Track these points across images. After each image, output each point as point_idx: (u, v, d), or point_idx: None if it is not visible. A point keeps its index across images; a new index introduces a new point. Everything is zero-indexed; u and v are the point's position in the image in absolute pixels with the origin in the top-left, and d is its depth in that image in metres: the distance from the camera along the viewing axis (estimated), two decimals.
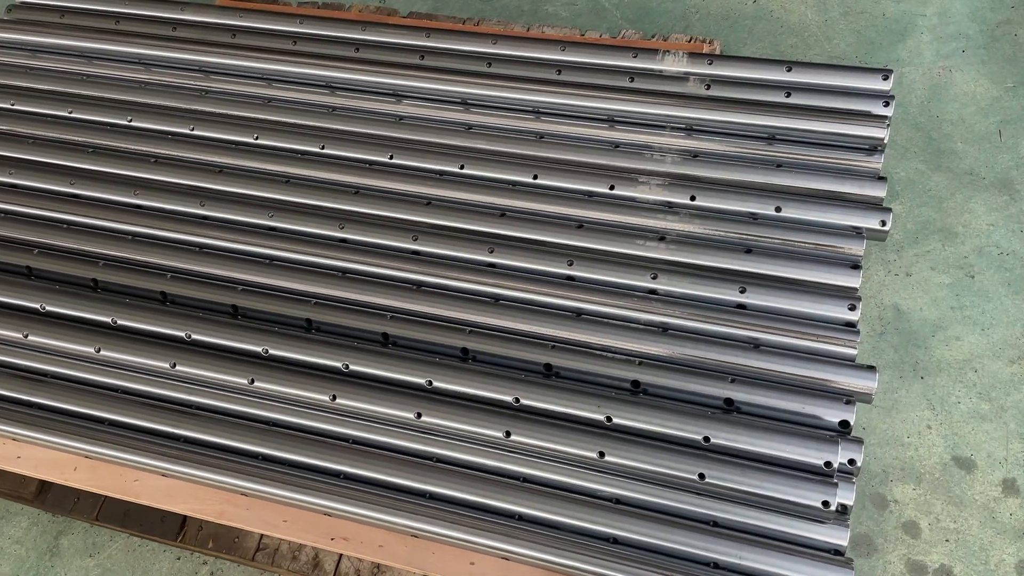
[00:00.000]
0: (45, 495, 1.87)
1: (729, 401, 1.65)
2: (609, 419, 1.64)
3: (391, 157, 2.11)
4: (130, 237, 2.06)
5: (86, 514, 1.82)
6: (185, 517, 1.79)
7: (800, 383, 1.66)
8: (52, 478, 1.83)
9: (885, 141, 1.94)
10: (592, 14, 2.60)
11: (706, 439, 1.59)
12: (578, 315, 1.80)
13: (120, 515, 1.81)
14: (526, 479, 1.65)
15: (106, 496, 1.83)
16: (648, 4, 2.57)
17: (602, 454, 1.60)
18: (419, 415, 1.69)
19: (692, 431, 1.60)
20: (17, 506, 2.03)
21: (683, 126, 2.03)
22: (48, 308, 1.94)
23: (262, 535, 1.76)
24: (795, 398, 1.63)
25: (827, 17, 2.50)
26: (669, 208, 1.92)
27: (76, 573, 1.93)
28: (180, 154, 2.19)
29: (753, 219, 1.88)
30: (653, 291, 1.82)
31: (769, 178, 1.93)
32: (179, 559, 1.93)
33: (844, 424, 1.61)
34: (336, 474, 1.69)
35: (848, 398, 1.62)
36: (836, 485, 1.51)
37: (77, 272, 2.01)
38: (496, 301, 1.84)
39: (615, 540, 1.56)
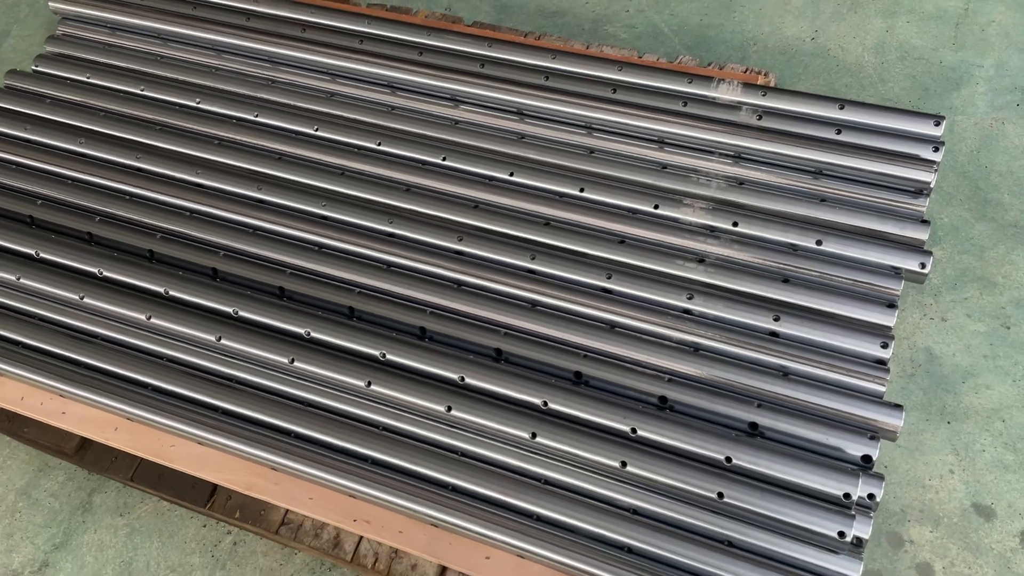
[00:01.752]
0: (85, 452, 1.95)
1: (754, 425, 1.68)
2: (634, 431, 1.68)
3: (444, 159, 2.17)
4: (188, 213, 2.14)
5: (121, 474, 1.89)
6: (215, 486, 1.85)
7: (826, 414, 1.68)
8: (93, 436, 1.90)
9: (932, 185, 1.96)
10: (651, 38, 2.65)
11: (728, 459, 1.62)
12: (612, 328, 1.84)
13: (154, 478, 1.88)
14: (547, 481, 1.69)
15: (142, 458, 1.90)
16: (707, 32, 2.62)
17: (624, 464, 1.64)
18: (449, 409, 1.74)
19: (715, 450, 1.63)
20: (56, 461, 2.11)
21: (731, 153, 2.07)
22: (105, 274, 2.03)
23: (287, 510, 1.82)
24: (820, 428, 1.64)
25: (884, 60, 2.52)
26: (711, 232, 1.96)
27: (106, 530, 2.00)
28: (242, 139, 2.27)
29: (793, 250, 1.91)
30: (687, 311, 1.85)
31: (812, 211, 1.95)
32: (204, 526, 1.99)
33: (866, 459, 1.62)
34: (364, 458, 1.74)
35: (873, 434, 1.64)
36: (853, 517, 1.53)
37: (135, 242, 2.09)
38: (533, 306, 1.89)
39: (629, 550, 1.59)
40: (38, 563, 1.97)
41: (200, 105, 2.37)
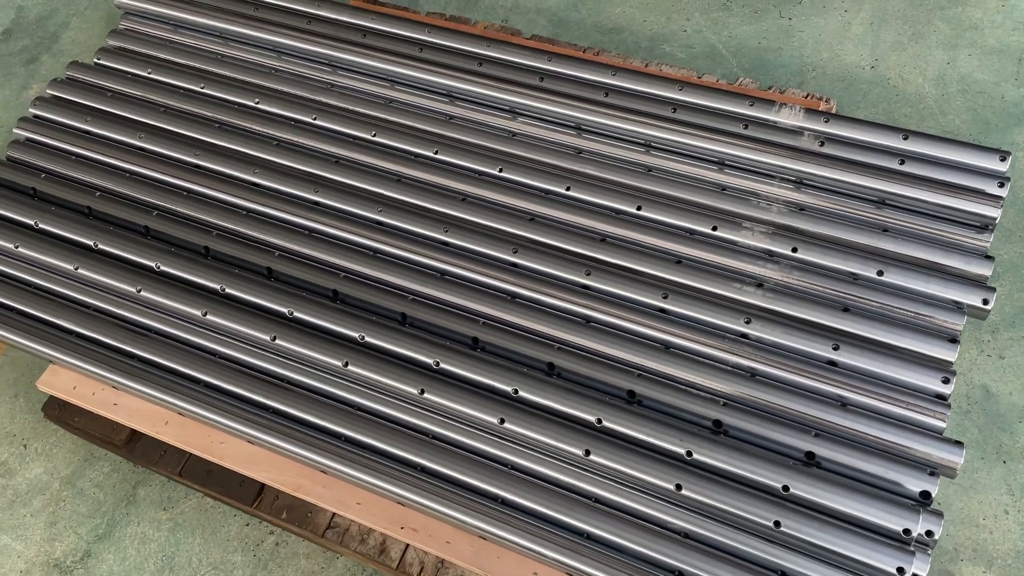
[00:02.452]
0: (134, 444, 1.96)
1: (811, 455, 1.66)
2: (690, 454, 1.66)
3: (500, 170, 2.17)
4: (244, 212, 2.15)
5: (170, 468, 1.90)
6: (263, 485, 1.86)
7: (884, 447, 1.66)
8: (144, 429, 1.91)
9: (996, 221, 1.93)
10: (708, 58, 2.64)
11: (785, 488, 1.60)
12: (667, 348, 1.83)
13: (202, 474, 1.88)
14: (598, 499, 1.67)
15: (191, 454, 1.91)
16: (765, 56, 2.61)
17: (679, 487, 1.62)
18: (502, 421, 1.73)
19: (772, 478, 1.61)
20: (101, 451, 2.12)
21: (793, 178, 2.05)
22: (162, 268, 2.04)
23: (334, 514, 1.82)
24: (878, 461, 1.62)
25: (944, 92, 2.50)
26: (769, 256, 1.94)
27: (149, 524, 2.00)
28: (300, 140, 2.29)
29: (853, 279, 1.89)
30: (744, 335, 1.84)
31: (874, 241, 1.93)
32: (247, 525, 1.99)
33: (925, 495, 1.60)
34: (414, 466, 1.74)
35: (932, 469, 1.61)
36: (913, 554, 1.50)
37: (191, 238, 2.11)
38: (587, 323, 1.88)
39: (680, 573, 1.57)
40: (80, 552, 1.98)
41: (259, 105, 2.39)
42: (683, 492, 1.62)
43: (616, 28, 2.77)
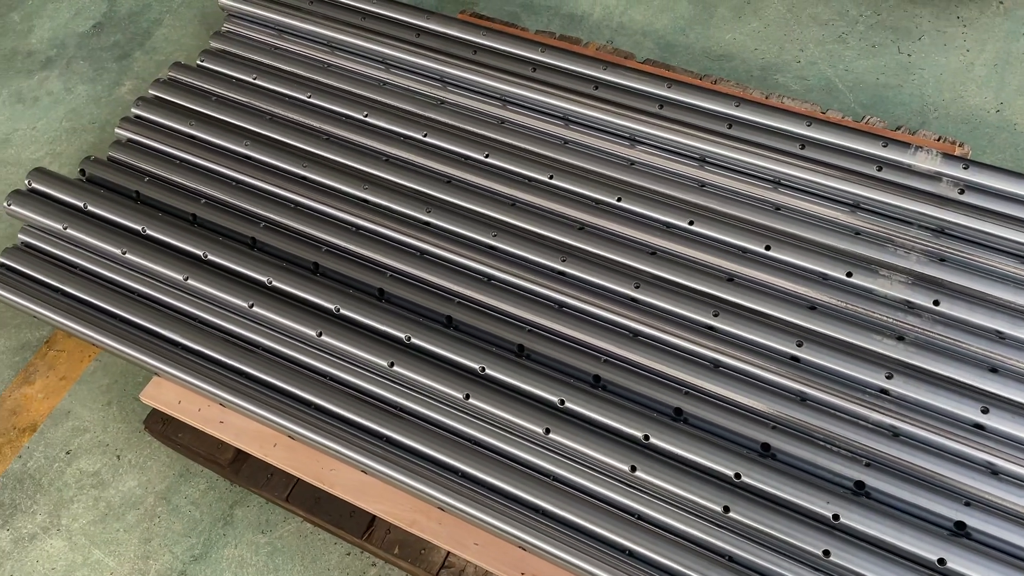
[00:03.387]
0: (240, 465, 1.90)
1: (961, 524, 1.57)
2: (836, 518, 1.58)
3: (619, 200, 2.10)
4: (354, 229, 2.09)
5: (276, 492, 1.84)
6: (374, 517, 1.79)
7: None
8: (251, 450, 1.85)
9: None
10: (824, 91, 2.56)
11: (941, 561, 1.51)
12: (802, 399, 1.75)
13: (310, 501, 1.82)
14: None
15: (298, 479, 1.85)
16: (884, 92, 2.52)
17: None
18: (634, 469, 1.66)
19: (924, 548, 1.53)
20: (197, 467, 2.07)
21: (933, 226, 1.97)
22: (273, 283, 1.99)
23: (449, 552, 1.75)
24: None
25: None
26: (909, 308, 1.86)
27: (247, 547, 1.94)
28: (411, 158, 2.23)
29: (999, 338, 1.80)
30: (885, 391, 1.75)
31: (1021, 299, 1.84)
32: (348, 555, 1.93)
33: None
34: (536, 508, 1.67)
35: None
36: None
37: (300, 253, 2.05)
38: (716, 367, 1.81)
39: None
40: (176, 573, 1.92)
41: (367, 119, 2.33)
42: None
43: (726, 55, 2.69)
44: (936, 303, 1.85)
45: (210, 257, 2.05)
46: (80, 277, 2.09)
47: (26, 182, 2.24)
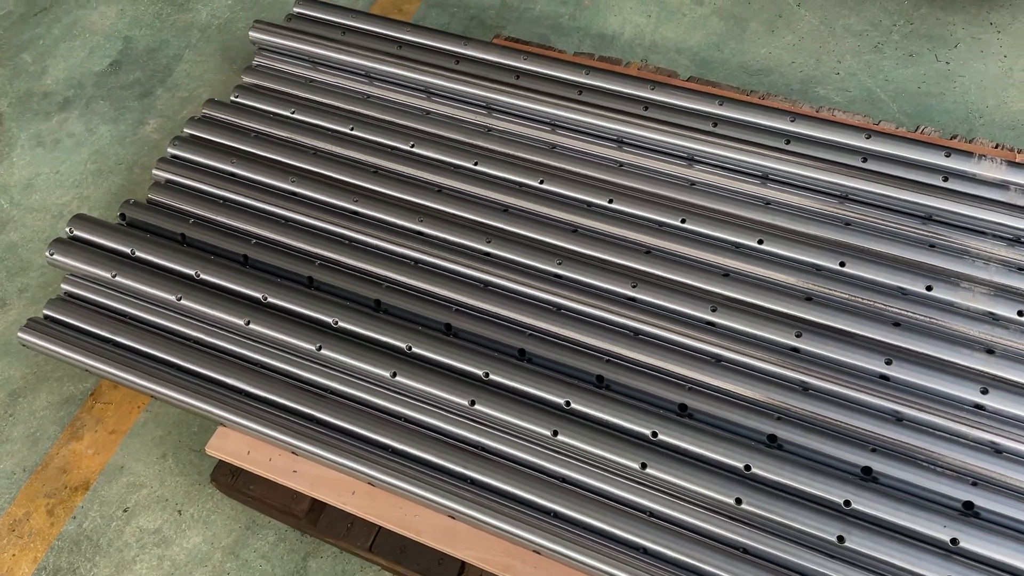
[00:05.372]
0: (317, 516, 1.82)
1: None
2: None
3: (683, 221, 2.06)
4: (412, 263, 2.04)
5: (359, 542, 1.77)
6: (463, 563, 1.72)
7: None
8: (328, 499, 1.78)
9: None
10: (866, 102, 2.54)
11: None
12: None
13: (396, 550, 1.75)
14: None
15: (380, 527, 1.78)
16: (927, 101, 2.51)
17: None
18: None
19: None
20: (264, 518, 1.99)
21: (1009, 236, 1.94)
22: (340, 324, 1.92)
23: None
24: None
25: None
26: (994, 320, 1.82)
27: None
28: (464, 187, 2.18)
29: (993, 318, 1.78)
30: (980, 406, 1.71)
31: None
32: None
33: None
34: (638, 548, 1.61)
35: None
36: None
37: (361, 291, 1.99)
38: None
39: None
40: None
41: (415, 148, 2.28)
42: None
43: (764, 69, 2.67)
44: (1020, 314, 1.82)
45: (269, 299, 1.98)
46: (131, 326, 2.01)
47: (67, 229, 2.16)
